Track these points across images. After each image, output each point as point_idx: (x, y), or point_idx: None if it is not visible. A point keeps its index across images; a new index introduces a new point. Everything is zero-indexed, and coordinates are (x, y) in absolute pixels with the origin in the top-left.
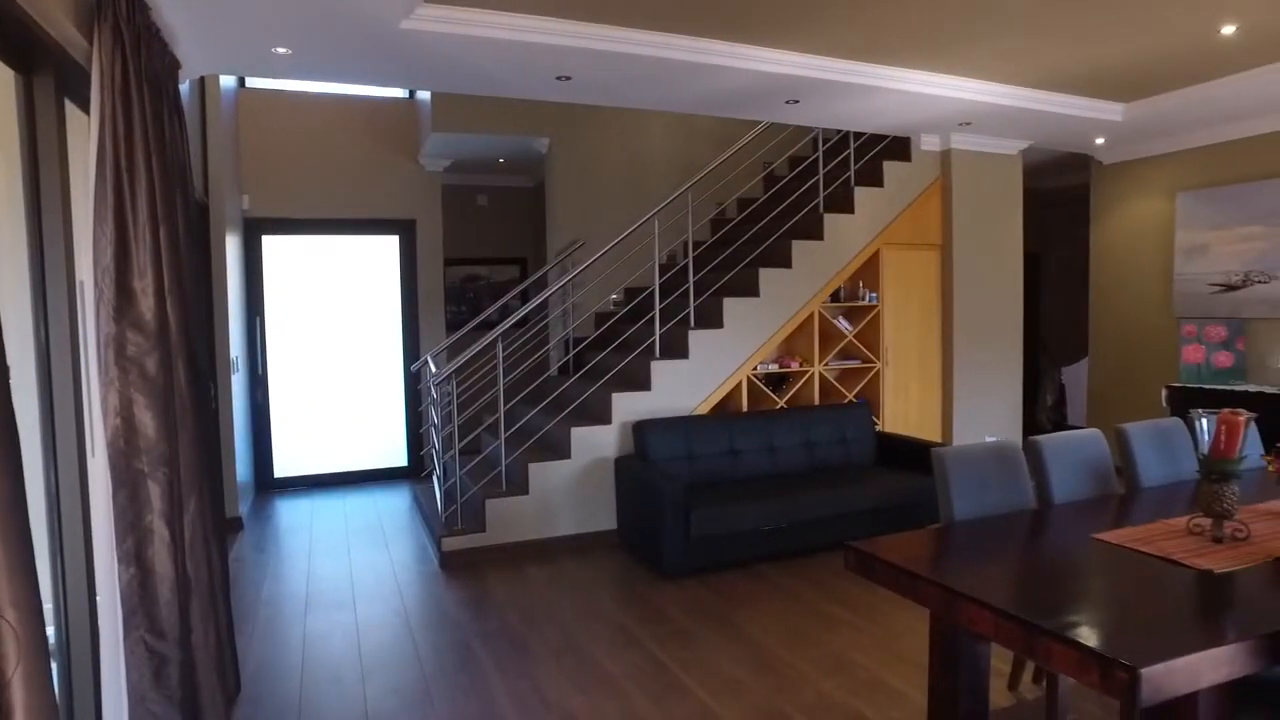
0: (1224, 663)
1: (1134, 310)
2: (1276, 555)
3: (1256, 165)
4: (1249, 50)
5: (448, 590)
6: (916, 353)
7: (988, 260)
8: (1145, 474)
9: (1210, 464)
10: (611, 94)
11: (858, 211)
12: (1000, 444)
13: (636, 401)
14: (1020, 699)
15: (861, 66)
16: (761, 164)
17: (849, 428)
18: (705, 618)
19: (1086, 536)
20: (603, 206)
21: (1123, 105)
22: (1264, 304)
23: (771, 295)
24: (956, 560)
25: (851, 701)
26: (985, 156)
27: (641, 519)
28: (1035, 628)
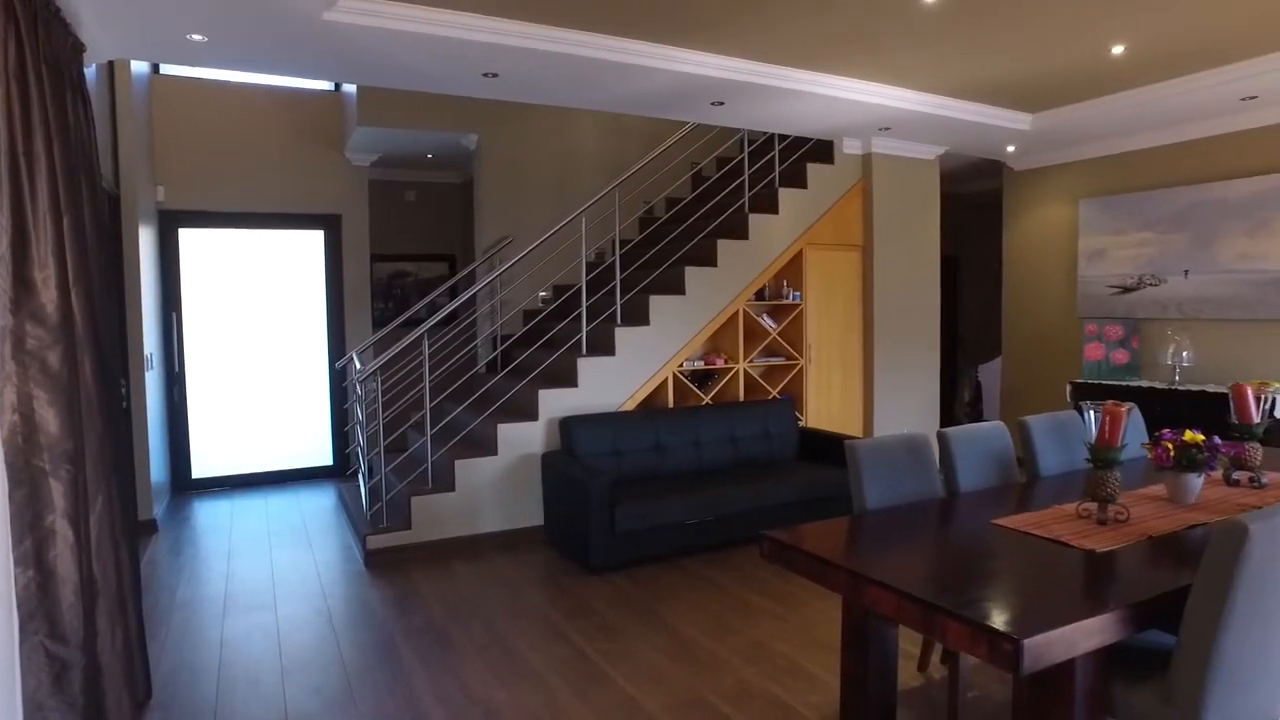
0: (1097, 632)
1: (1042, 310)
2: (1151, 535)
3: (1148, 176)
4: (1138, 69)
5: (372, 589)
6: (839, 350)
7: (907, 261)
8: (1044, 463)
9: (1096, 452)
10: (539, 92)
11: (782, 212)
12: (910, 436)
13: (563, 398)
14: (929, 679)
15: (785, 71)
16: (689, 163)
17: (772, 423)
18: (630, 610)
19: (987, 522)
20: (531, 203)
21: (1030, 115)
22: (1155, 305)
23: (697, 293)
24: (865, 547)
25: (770, 687)
26: (904, 161)
27: (568, 514)
28: (931, 606)
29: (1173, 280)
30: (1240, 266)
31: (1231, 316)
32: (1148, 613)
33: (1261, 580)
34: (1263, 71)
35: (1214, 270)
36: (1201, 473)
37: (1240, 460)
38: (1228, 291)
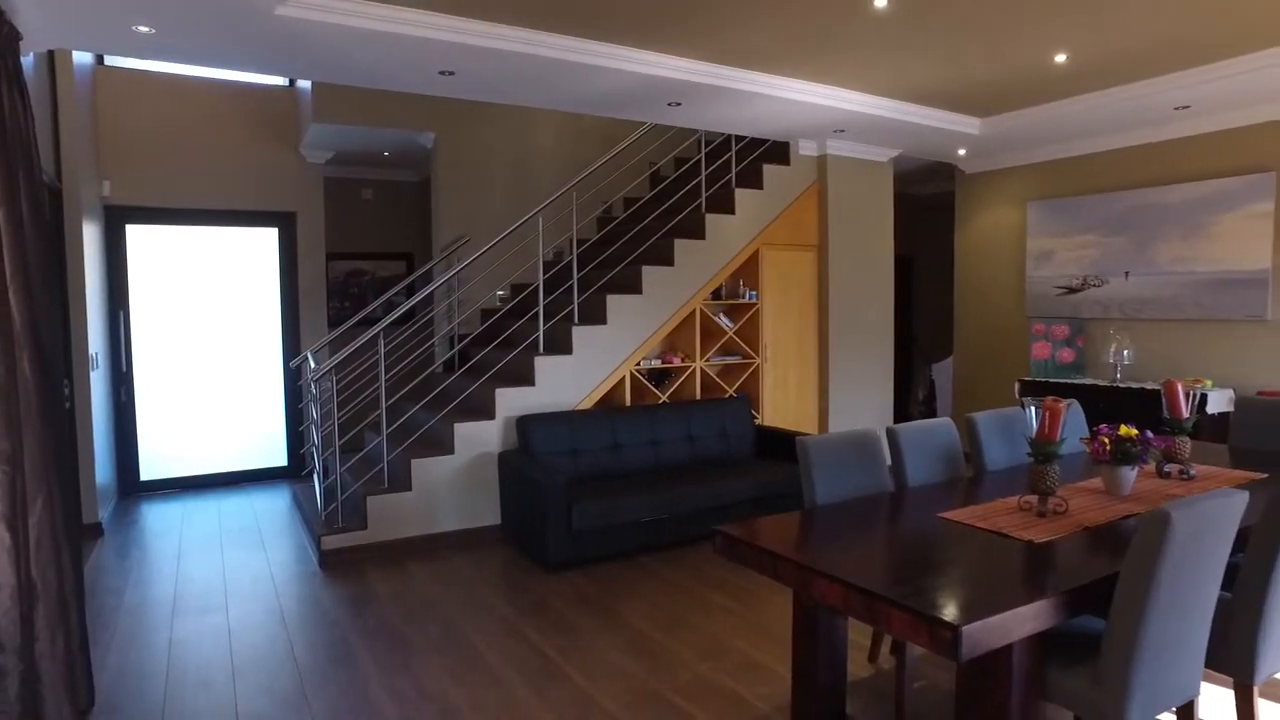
0: (1031, 618)
1: (992, 310)
2: (1087, 525)
3: (1091, 180)
4: (1080, 78)
5: (327, 589)
6: (795, 349)
7: (861, 261)
8: (990, 458)
9: (1036, 446)
10: (496, 91)
11: (738, 212)
12: (860, 432)
13: (521, 397)
14: (879, 669)
15: (741, 73)
16: (647, 163)
17: (729, 421)
18: (587, 608)
19: (933, 515)
20: (489, 202)
21: (979, 120)
22: (1098, 305)
23: (654, 292)
24: (814, 540)
25: (725, 681)
26: (859, 162)
27: (525, 513)
28: (875, 597)
29: (1115, 281)
30: (1176, 269)
31: (1168, 316)
32: (1079, 599)
33: (1182, 565)
34: (1194, 83)
35: (1152, 272)
36: (1135, 466)
37: (1171, 453)
38: (1165, 293)
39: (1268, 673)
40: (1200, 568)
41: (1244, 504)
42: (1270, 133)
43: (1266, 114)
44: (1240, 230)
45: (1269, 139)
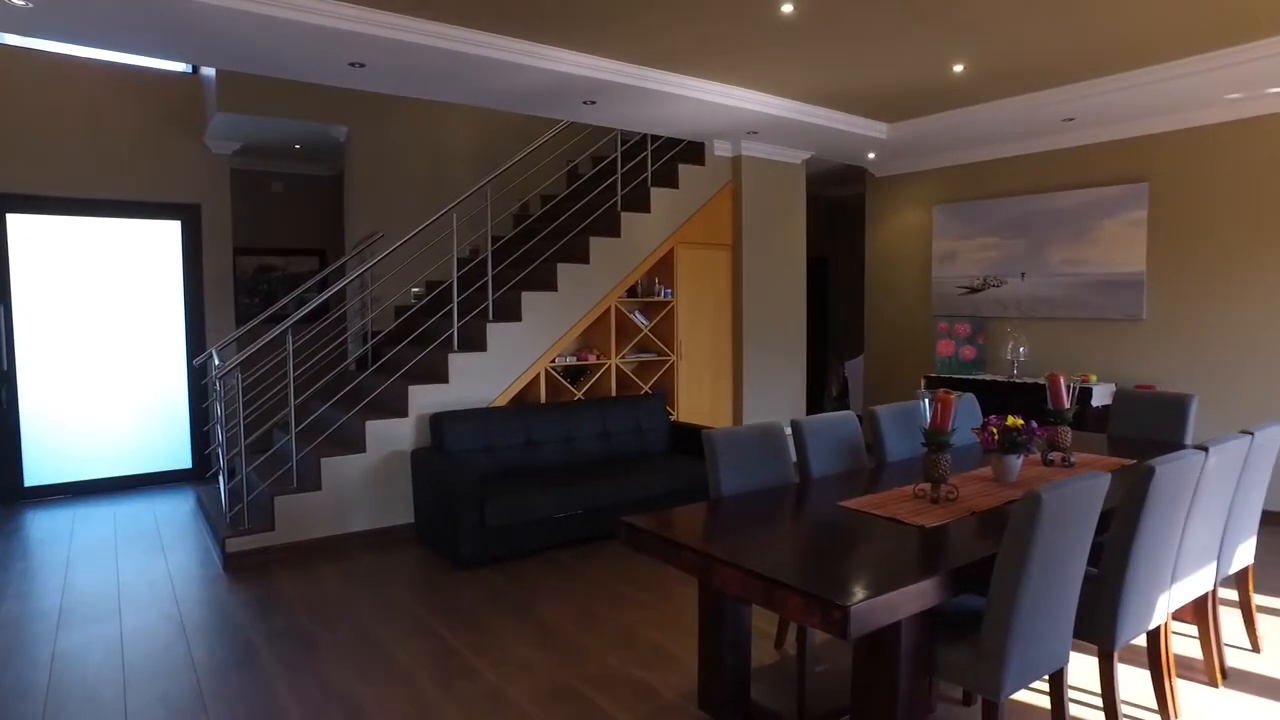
0: (917, 597)
1: (900, 309)
2: (975, 510)
3: (991, 185)
4: (977, 87)
5: (231, 593)
6: (709, 346)
7: (775, 260)
8: (891, 449)
9: (929, 436)
10: (410, 85)
11: (654, 211)
12: (765, 425)
13: (434, 394)
14: (784, 655)
15: (655, 73)
16: (564, 161)
17: (644, 418)
18: (500, 604)
19: (833, 504)
20: (404, 198)
21: (887, 125)
22: (997, 304)
23: (570, 290)
24: (718, 530)
25: (635, 671)
26: (772, 164)
27: (438, 511)
28: (772, 582)
29: (1012, 282)
30: (1066, 270)
31: (1059, 315)
32: (962, 578)
33: (1052, 543)
34: (1077, 97)
35: (1045, 273)
36: (1021, 454)
37: (1054, 442)
38: (1056, 293)
39: (1126, 640)
40: (1068, 545)
41: (1106, 485)
42: (1145, 146)
43: (1142, 128)
44: (1120, 236)
45: (1144, 152)
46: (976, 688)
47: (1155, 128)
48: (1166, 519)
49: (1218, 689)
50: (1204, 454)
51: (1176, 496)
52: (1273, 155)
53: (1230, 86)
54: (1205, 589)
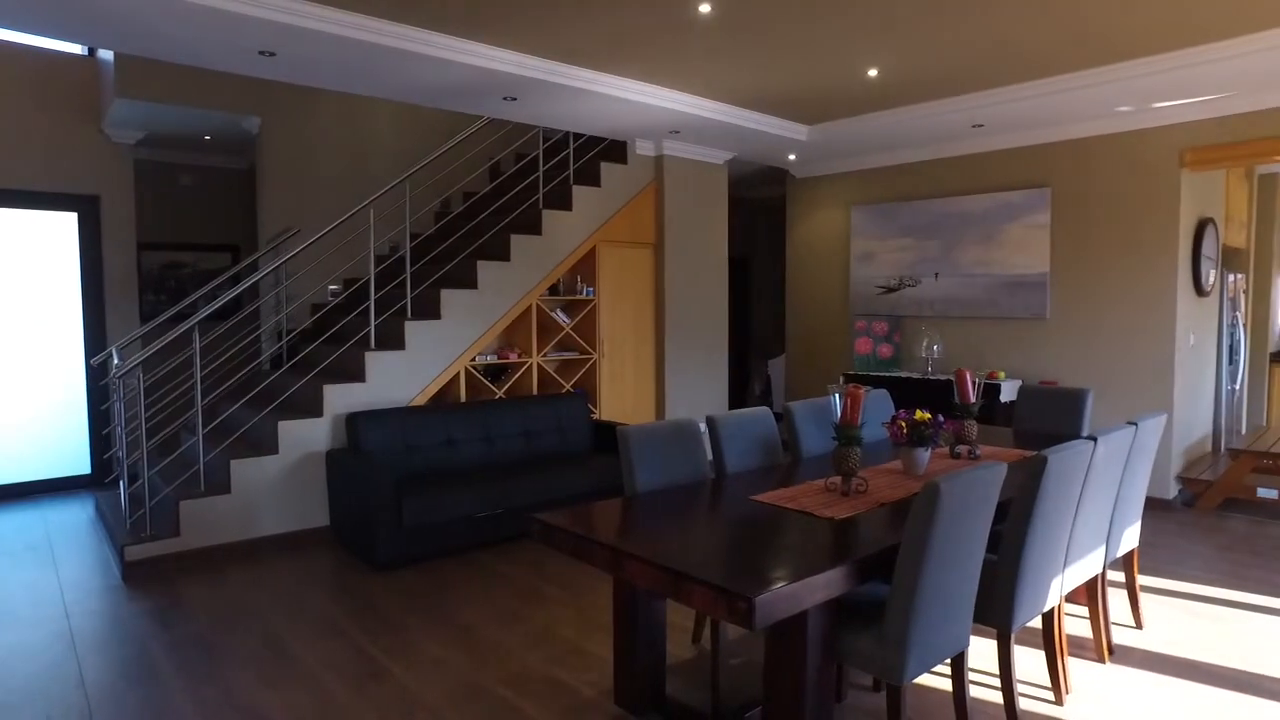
0: (823, 586)
1: (820, 308)
2: (884, 502)
3: (907, 187)
4: (891, 92)
5: (130, 603)
6: (632, 345)
7: (697, 259)
8: (806, 445)
9: (840, 430)
10: (322, 76)
11: (576, 209)
12: (680, 422)
13: (351, 393)
14: (701, 650)
15: (576, 70)
16: (487, 157)
17: (566, 416)
18: (416, 605)
19: (746, 499)
20: (320, 193)
21: (807, 127)
22: (913, 304)
23: (490, 287)
24: (630, 525)
25: (551, 669)
26: (694, 163)
27: (354, 512)
28: (679, 574)
29: (927, 282)
30: (977, 271)
31: (971, 314)
32: (865, 567)
33: (952, 530)
34: (985, 104)
35: (958, 274)
36: (929, 447)
37: (961, 435)
38: (968, 293)
39: (1022, 622)
40: (967, 533)
41: (1003, 475)
42: (1047, 153)
43: (1044, 136)
44: (1025, 238)
45: (1046, 158)
46: (881, 673)
47: (1056, 136)
48: (1059, 506)
49: (1105, 665)
50: (1093, 444)
51: (1068, 484)
52: (1155, 166)
53: (1121, 99)
54: (1095, 571)
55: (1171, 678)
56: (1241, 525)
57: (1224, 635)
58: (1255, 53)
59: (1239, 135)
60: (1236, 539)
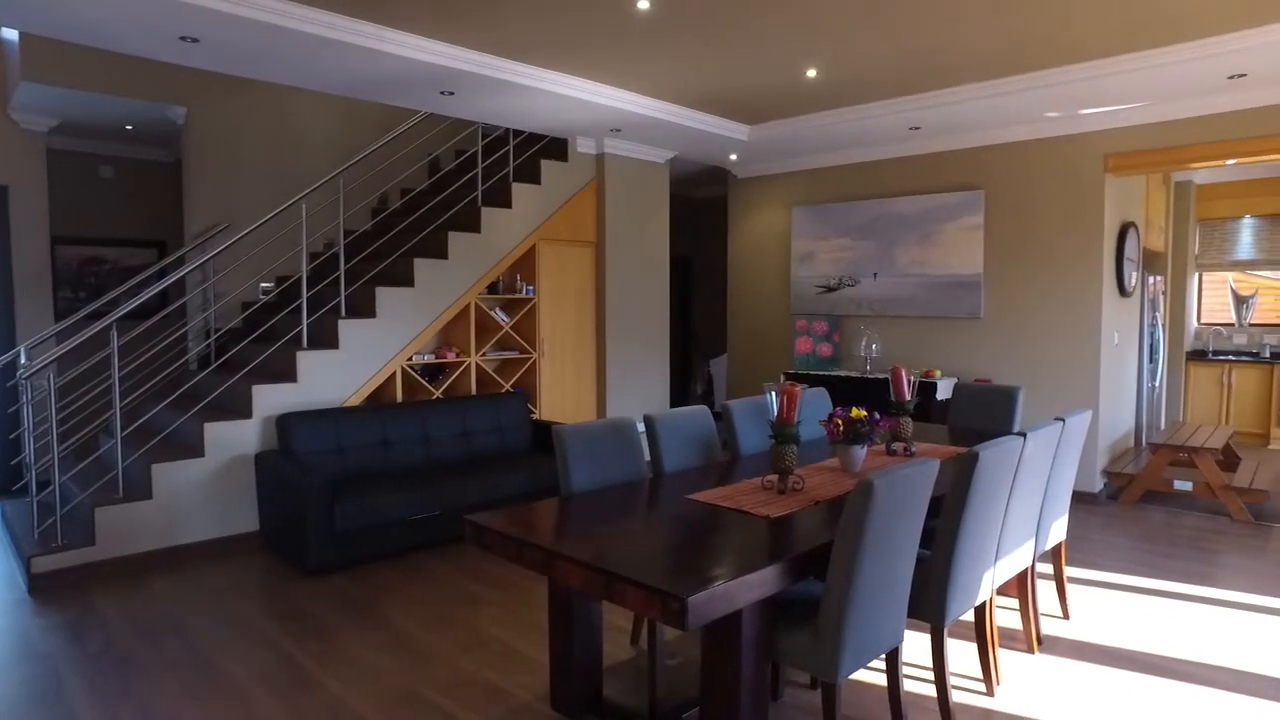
0: (757, 585)
1: (761, 308)
2: (820, 499)
3: (846, 189)
4: (830, 93)
5: (37, 618)
6: (572, 344)
7: (638, 258)
8: (744, 443)
9: (776, 428)
10: (250, 65)
11: (515, 206)
12: (617, 421)
13: (281, 394)
14: (640, 651)
15: (515, 65)
16: (425, 153)
17: (505, 416)
18: (349, 611)
19: (683, 498)
20: (250, 187)
21: (748, 127)
22: (852, 303)
23: (427, 286)
24: (566, 526)
25: (486, 673)
26: (636, 162)
27: (285, 516)
28: (612, 575)
29: (865, 281)
30: (914, 271)
31: (908, 314)
32: (800, 565)
33: (886, 527)
34: (922, 107)
35: (895, 274)
36: (865, 444)
37: (897, 432)
38: (905, 292)
39: (955, 616)
40: (901, 529)
41: (935, 471)
42: (981, 156)
43: (978, 140)
44: (960, 240)
45: (980, 162)
46: (816, 671)
47: (989, 140)
48: (991, 501)
49: (1034, 655)
50: (1023, 440)
51: (999, 480)
52: (1081, 170)
53: (1050, 105)
54: (1025, 564)
55: (1096, 665)
56: (1161, 516)
57: (1145, 622)
58: (1172, 64)
59: (1158, 142)
60: (1156, 530)
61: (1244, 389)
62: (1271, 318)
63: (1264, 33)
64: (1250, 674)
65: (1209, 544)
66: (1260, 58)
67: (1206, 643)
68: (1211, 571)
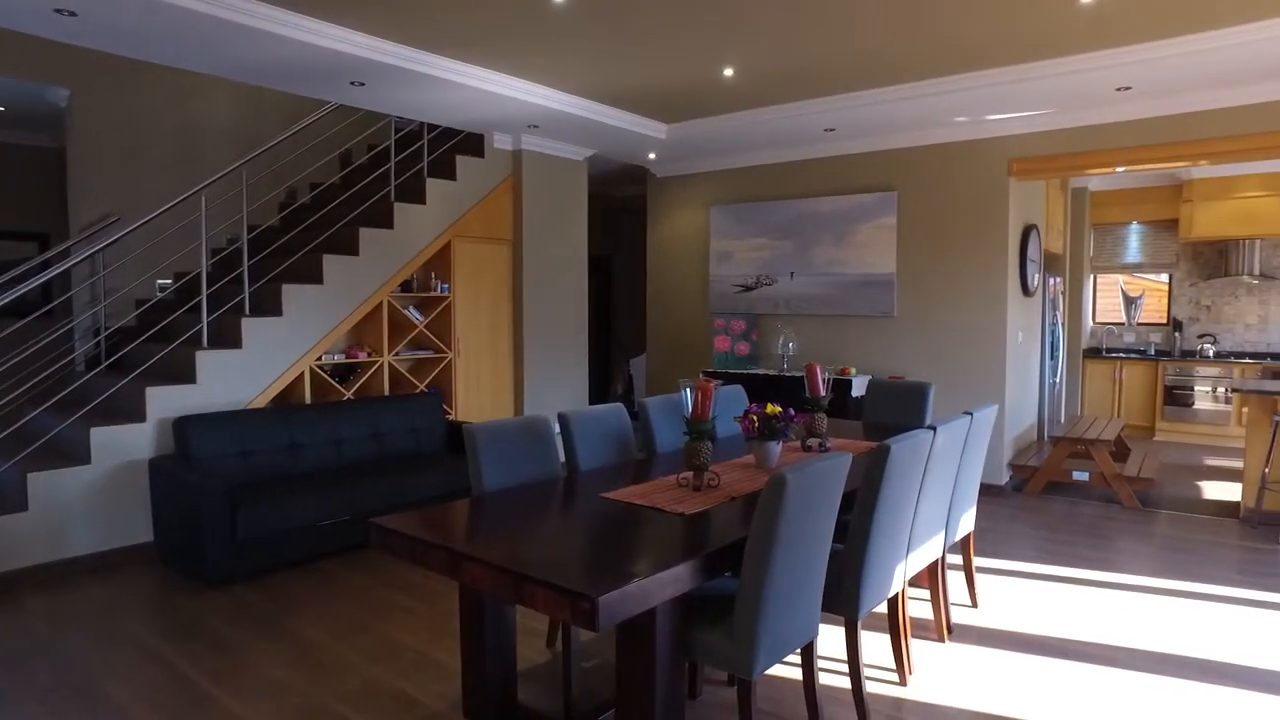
0: (670, 583)
1: (680, 307)
2: (735, 496)
3: (764, 189)
4: (749, 92)
5: None
6: (489, 343)
7: (556, 257)
8: (661, 440)
9: (691, 425)
10: (137, 45)
11: (430, 202)
12: (530, 419)
13: (179, 396)
14: (555, 653)
15: (429, 56)
16: (336, 145)
17: (419, 417)
18: (251, 624)
19: (596, 496)
20: (146, 177)
21: (666, 126)
22: (769, 302)
23: (337, 283)
24: (476, 527)
25: (396, 682)
26: (554, 159)
27: (182, 525)
28: (520, 576)
29: (782, 281)
30: (830, 270)
31: (824, 312)
32: (714, 562)
33: (798, 521)
34: (835, 109)
35: (812, 273)
36: (780, 440)
37: (811, 428)
38: (821, 291)
39: (869, 609)
40: (814, 524)
41: (847, 466)
42: (894, 158)
43: (891, 142)
44: (874, 240)
45: (893, 163)
46: (731, 668)
47: (901, 142)
48: (902, 494)
49: (945, 644)
50: (932, 434)
51: (910, 473)
52: (988, 174)
53: (958, 110)
54: (936, 556)
55: (1004, 651)
56: (1061, 506)
57: (1047, 608)
58: (1066, 75)
59: (1056, 149)
60: (1057, 519)
61: (1133, 384)
62: (1156, 318)
63: (1144, 49)
64: (1143, 651)
65: (1103, 530)
66: (1143, 72)
67: (1103, 624)
68: (1106, 557)
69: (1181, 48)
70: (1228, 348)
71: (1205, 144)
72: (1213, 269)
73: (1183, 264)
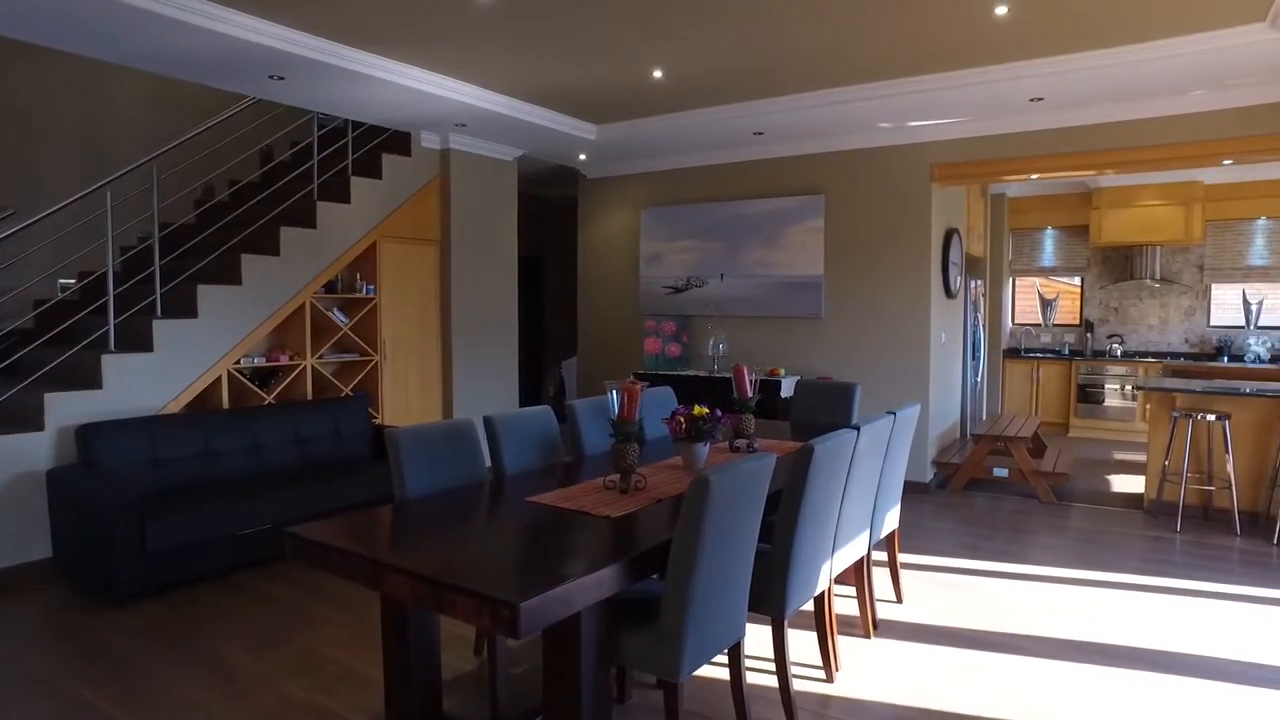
0: (594, 587)
1: (611, 309)
2: (662, 498)
3: (694, 190)
4: (678, 95)
5: None
6: (416, 345)
7: (485, 258)
8: (589, 442)
9: (617, 426)
10: (29, 28)
11: (354, 201)
12: (454, 423)
13: (83, 402)
14: (483, 661)
15: (351, 51)
16: (256, 141)
17: (344, 422)
18: (160, 642)
19: (522, 500)
20: (44, 169)
21: (596, 126)
22: (699, 303)
23: (257, 284)
24: (397, 534)
25: (317, 698)
26: (483, 159)
27: (85, 539)
28: (439, 584)
29: (712, 282)
30: (759, 272)
31: (754, 314)
32: (640, 565)
33: (722, 522)
34: (763, 112)
35: (741, 275)
36: (707, 441)
37: (739, 429)
38: (750, 293)
39: (795, 608)
40: (739, 524)
41: (772, 466)
42: (822, 162)
43: (818, 146)
44: (803, 242)
45: (820, 167)
46: (657, 671)
47: (828, 147)
48: (827, 493)
49: (871, 640)
50: (856, 433)
51: (835, 472)
52: (911, 179)
53: (881, 116)
54: (861, 554)
55: (929, 645)
56: (983, 502)
57: (971, 602)
58: (982, 84)
59: (975, 155)
60: (979, 515)
61: (1049, 383)
62: (1070, 319)
63: (1054, 62)
64: (1060, 640)
65: (1022, 524)
66: (1054, 84)
67: (1020, 615)
68: (1025, 550)
69: (1088, 62)
70: (1134, 348)
71: (1109, 154)
72: (1119, 273)
73: (1093, 268)
